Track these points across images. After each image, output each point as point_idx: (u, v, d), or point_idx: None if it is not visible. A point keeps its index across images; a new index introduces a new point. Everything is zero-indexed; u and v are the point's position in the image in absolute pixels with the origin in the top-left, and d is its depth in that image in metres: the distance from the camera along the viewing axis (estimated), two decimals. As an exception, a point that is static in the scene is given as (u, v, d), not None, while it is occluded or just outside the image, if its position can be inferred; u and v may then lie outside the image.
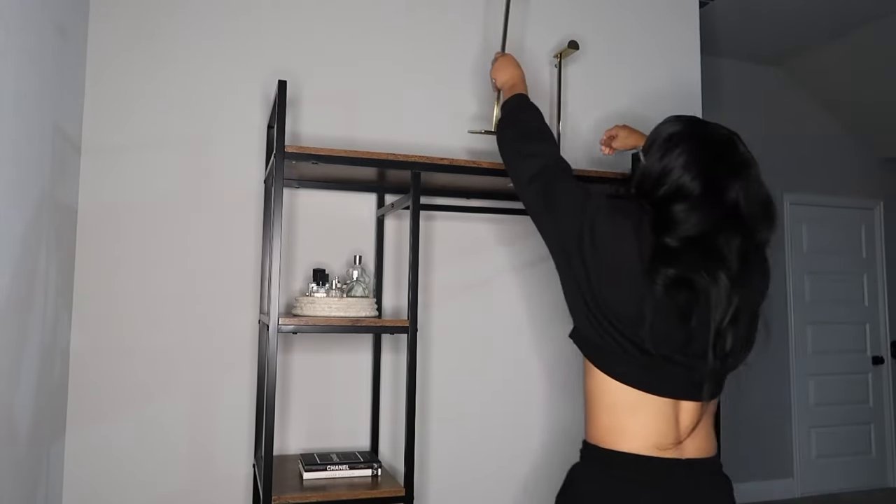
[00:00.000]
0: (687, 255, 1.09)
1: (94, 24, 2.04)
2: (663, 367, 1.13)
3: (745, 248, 1.12)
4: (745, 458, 4.30)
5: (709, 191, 1.13)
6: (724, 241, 1.10)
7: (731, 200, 1.12)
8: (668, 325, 1.11)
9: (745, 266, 1.12)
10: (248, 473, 2.07)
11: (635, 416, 1.16)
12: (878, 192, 4.88)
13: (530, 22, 2.48)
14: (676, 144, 1.18)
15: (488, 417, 2.31)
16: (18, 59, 1.43)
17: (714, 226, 1.11)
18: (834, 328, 4.65)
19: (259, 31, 2.19)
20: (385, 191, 2.23)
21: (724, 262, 1.09)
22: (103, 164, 2.02)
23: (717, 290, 1.08)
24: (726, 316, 1.08)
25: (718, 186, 1.13)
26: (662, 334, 1.11)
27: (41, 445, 1.70)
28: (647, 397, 1.16)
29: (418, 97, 2.33)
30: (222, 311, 2.09)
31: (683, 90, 2.64)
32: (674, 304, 1.10)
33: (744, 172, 1.15)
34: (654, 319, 1.10)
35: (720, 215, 1.11)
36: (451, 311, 2.30)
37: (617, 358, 1.17)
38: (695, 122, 1.23)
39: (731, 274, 1.09)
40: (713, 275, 1.08)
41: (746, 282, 1.11)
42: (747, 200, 1.13)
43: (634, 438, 1.16)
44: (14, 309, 1.46)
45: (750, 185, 1.14)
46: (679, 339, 1.11)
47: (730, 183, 1.13)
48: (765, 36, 4.12)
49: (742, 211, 1.12)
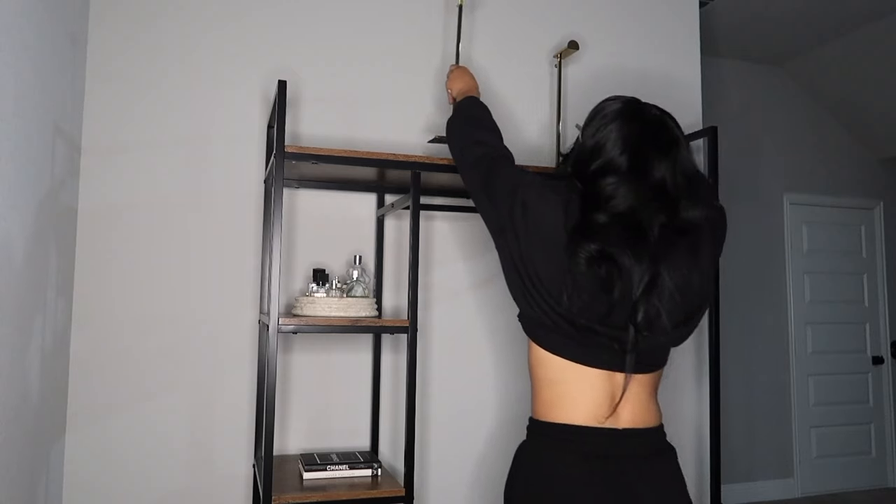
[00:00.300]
0: (611, 230, 1.13)
1: (94, 25, 2.04)
2: (593, 339, 1.17)
3: (670, 225, 1.15)
4: (745, 458, 4.30)
5: (636, 167, 1.16)
6: (648, 218, 1.13)
7: (657, 178, 1.15)
8: (589, 297, 1.14)
9: (670, 243, 1.14)
10: (248, 473, 2.07)
11: (571, 389, 1.20)
12: (878, 192, 4.88)
13: (530, 22, 2.49)
14: (610, 122, 1.22)
15: (489, 417, 2.31)
16: (18, 59, 1.43)
17: (640, 202, 1.14)
18: (834, 328, 4.65)
19: (259, 31, 2.19)
20: (385, 191, 2.23)
21: (645, 237, 1.13)
22: (103, 164, 2.02)
23: (633, 263, 1.11)
24: (638, 289, 1.11)
25: (646, 163, 1.16)
26: (585, 306, 1.14)
27: (41, 445, 1.70)
28: (581, 369, 1.20)
29: (418, 97, 2.33)
30: (222, 311, 2.09)
31: (683, 90, 2.65)
32: (595, 277, 1.13)
33: (672, 151, 1.18)
34: (575, 291, 1.14)
35: (646, 192, 1.15)
36: (451, 311, 2.30)
37: (551, 331, 1.21)
38: (629, 101, 1.26)
39: (650, 249, 1.12)
40: (632, 249, 1.12)
41: (669, 258, 1.14)
42: (674, 179, 1.16)
43: (572, 410, 1.20)
44: (14, 309, 1.46)
45: (677, 165, 1.17)
46: (600, 310, 1.14)
47: (657, 161, 1.16)
48: (765, 36, 4.12)
49: (668, 189, 1.15)
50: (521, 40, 2.47)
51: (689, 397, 2.51)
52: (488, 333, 2.34)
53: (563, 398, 1.21)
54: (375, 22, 2.32)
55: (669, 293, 1.13)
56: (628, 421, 1.20)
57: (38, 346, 1.64)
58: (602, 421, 1.18)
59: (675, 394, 2.49)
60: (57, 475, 1.86)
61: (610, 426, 1.19)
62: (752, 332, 4.40)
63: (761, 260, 4.48)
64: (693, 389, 2.52)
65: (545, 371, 1.24)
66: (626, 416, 1.20)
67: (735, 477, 4.23)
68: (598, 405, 1.19)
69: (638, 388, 1.22)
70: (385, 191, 2.23)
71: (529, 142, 2.44)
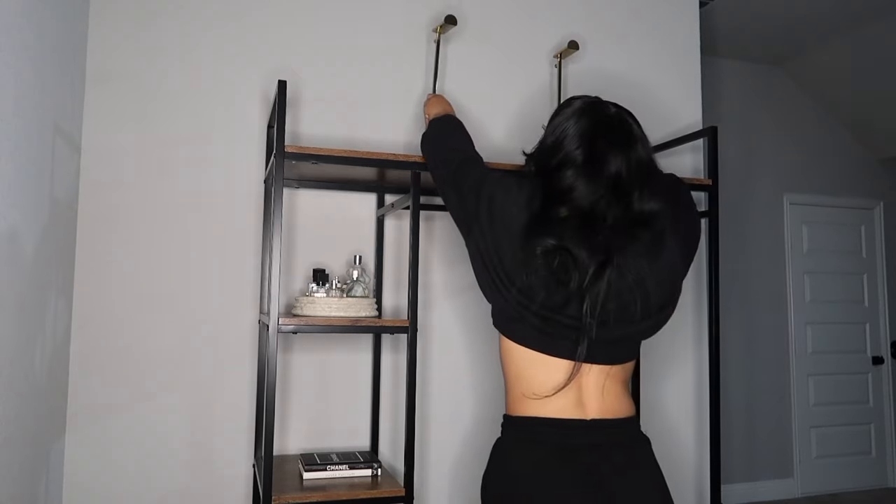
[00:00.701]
0: (567, 223, 1.17)
1: (93, 24, 2.04)
2: (555, 330, 1.19)
3: (625, 218, 1.19)
4: (746, 458, 4.30)
5: (592, 161, 1.20)
6: (603, 210, 1.18)
7: (612, 171, 1.19)
8: (546, 288, 1.17)
9: (627, 235, 1.18)
10: (248, 473, 2.07)
11: (537, 380, 1.22)
12: (878, 192, 4.88)
13: (530, 22, 2.48)
14: (569, 119, 1.26)
15: (489, 417, 2.31)
16: (18, 59, 1.43)
17: (596, 195, 1.18)
18: (834, 328, 4.65)
19: (259, 31, 2.19)
20: (385, 191, 2.23)
21: (600, 229, 1.17)
22: (103, 164, 2.02)
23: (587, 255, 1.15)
24: (590, 279, 1.14)
25: (601, 157, 1.20)
26: (545, 296, 1.17)
27: (42, 445, 1.70)
28: (546, 359, 1.22)
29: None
30: (222, 311, 2.09)
31: (683, 90, 2.65)
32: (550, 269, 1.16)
33: (627, 146, 1.22)
34: (532, 281, 1.17)
35: (603, 185, 1.19)
36: (451, 311, 2.30)
37: (516, 322, 1.24)
38: (590, 100, 1.31)
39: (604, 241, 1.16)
40: (587, 241, 1.15)
41: (625, 250, 1.17)
42: (628, 172, 1.20)
43: (539, 402, 1.22)
44: (14, 308, 1.46)
45: (632, 158, 1.21)
46: (558, 301, 1.17)
47: (612, 155, 1.20)
48: (765, 36, 4.12)
49: (623, 182, 1.19)
50: (521, 40, 2.47)
51: (689, 397, 2.51)
52: (488, 333, 2.34)
53: (530, 391, 1.23)
54: (376, 22, 2.32)
55: (628, 285, 1.16)
56: (597, 411, 1.22)
57: (38, 345, 1.64)
58: (567, 411, 1.20)
59: (675, 393, 2.49)
60: (57, 475, 1.86)
61: (579, 417, 1.21)
62: (752, 332, 4.40)
63: (761, 260, 4.48)
64: (693, 389, 2.52)
65: (514, 363, 1.27)
66: (594, 407, 1.22)
67: (735, 477, 4.23)
68: (567, 396, 1.21)
69: (607, 379, 1.23)
70: (385, 191, 2.23)
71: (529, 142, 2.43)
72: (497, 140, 2.38)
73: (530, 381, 1.24)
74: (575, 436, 1.20)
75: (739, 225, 4.37)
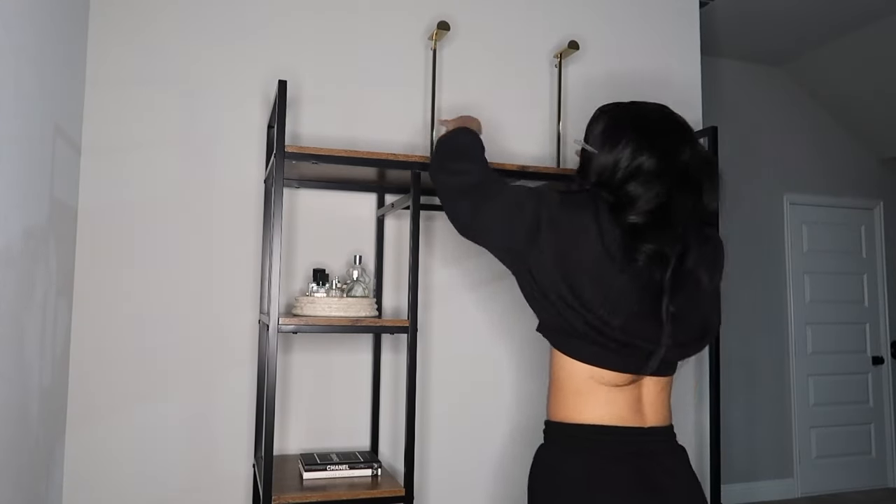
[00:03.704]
0: (653, 228, 1.14)
1: (93, 24, 2.04)
2: (628, 350, 1.18)
3: (698, 211, 1.18)
4: (746, 458, 4.30)
5: (663, 160, 1.18)
6: (679, 207, 1.15)
7: (682, 164, 1.18)
8: (628, 303, 1.15)
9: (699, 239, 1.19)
10: (248, 473, 2.07)
11: (599, 392, 1.21)
12: (878, 192, 4.88)
13: (530, 22, 2.48)
14: (617, 133, 1.23)
15: (490, 417, 2.31)
16: (18, 59, 1.43)
17: (668, 193, 1.16)
18: (834, 328, 4.65)
19: (259, 31, 2.19)
20: (385, 191, 2.23)
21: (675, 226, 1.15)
22: (103, 164, 2.02)
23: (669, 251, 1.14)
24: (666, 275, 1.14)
25: (671, 153, 1.18)
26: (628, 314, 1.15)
27: (42, 445, 1.70)
28: (608, 374, 1.21)
29: (418, 97, 2.33)
30: (222, 311, 2.09)
31: (683, 90, 2.65)
32: (649, 280, 1.14)
33: (687, 135, 1.22)
34: (620, 300, 1.14)
35: (674, 181, 1.16)
36: (451, 311, 2.30)
37: (582, 341, 1.21)
38: (624, 106, 1.29)
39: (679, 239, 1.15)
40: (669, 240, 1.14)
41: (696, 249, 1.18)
42: (694, 162, 1.19)
43: (597, 411, 1.21)
44: (14, 309, 1.46)
45: (696, 147, 1.20)
46: (635, 325, 1.15)
47: (679, 147, 1.19)
48: (765, 36, 4.12)
49: (691, 173, 1.18)
50: (521, 40, 2.47)
51: (689, 397, 2.51)
52: (488, 333, 2.34)
53: (588, 401, 1.22)
54: (376, 21, 2.31)
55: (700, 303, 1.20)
56: (654, 419, 1.24)
57: (38, 345, 1.64)
58: (630, 420, 1.21)
59: (674, 393, 2.49)
60: (57, 475, 1.86)
61: (637, 425, 1.22)
62: (752, 332, 4.40)
63: (761, 260, 4.48)
64: (693, 389, 2.52)
65: (571, 379, 1.24)
66: (652, 415, 1.24)
67: (735, 477, 4.22)
68: (627, 406, 1.21)
69: (658, 388, 1.25)
70: (385, 191, 2.23)
71: (529, 142, 2.44)
72: (497, 140, 2.38)
73: (591, 394, 1.22)
74: (632, 443, 1.21)
75: (739, 225, 4.37)
